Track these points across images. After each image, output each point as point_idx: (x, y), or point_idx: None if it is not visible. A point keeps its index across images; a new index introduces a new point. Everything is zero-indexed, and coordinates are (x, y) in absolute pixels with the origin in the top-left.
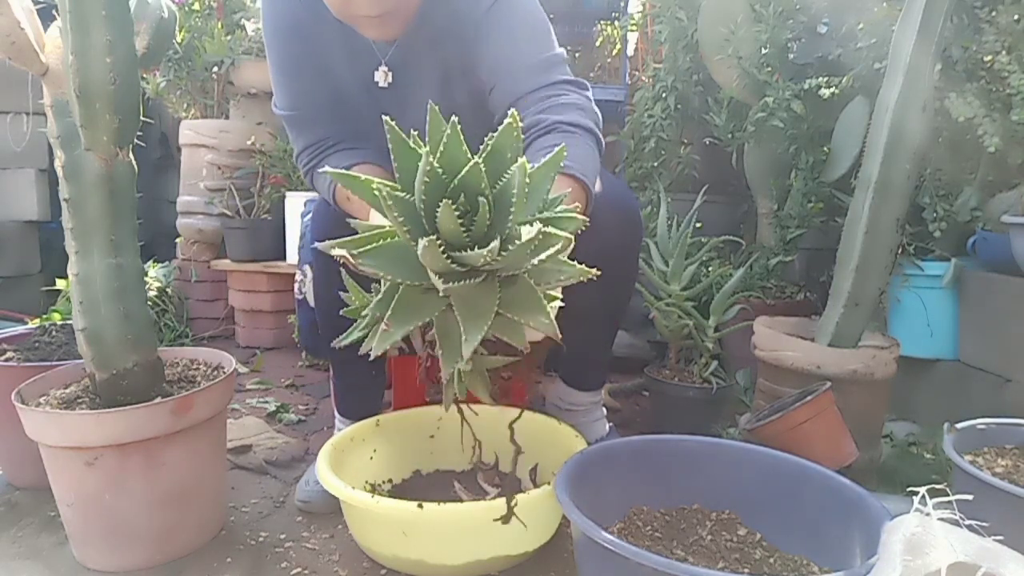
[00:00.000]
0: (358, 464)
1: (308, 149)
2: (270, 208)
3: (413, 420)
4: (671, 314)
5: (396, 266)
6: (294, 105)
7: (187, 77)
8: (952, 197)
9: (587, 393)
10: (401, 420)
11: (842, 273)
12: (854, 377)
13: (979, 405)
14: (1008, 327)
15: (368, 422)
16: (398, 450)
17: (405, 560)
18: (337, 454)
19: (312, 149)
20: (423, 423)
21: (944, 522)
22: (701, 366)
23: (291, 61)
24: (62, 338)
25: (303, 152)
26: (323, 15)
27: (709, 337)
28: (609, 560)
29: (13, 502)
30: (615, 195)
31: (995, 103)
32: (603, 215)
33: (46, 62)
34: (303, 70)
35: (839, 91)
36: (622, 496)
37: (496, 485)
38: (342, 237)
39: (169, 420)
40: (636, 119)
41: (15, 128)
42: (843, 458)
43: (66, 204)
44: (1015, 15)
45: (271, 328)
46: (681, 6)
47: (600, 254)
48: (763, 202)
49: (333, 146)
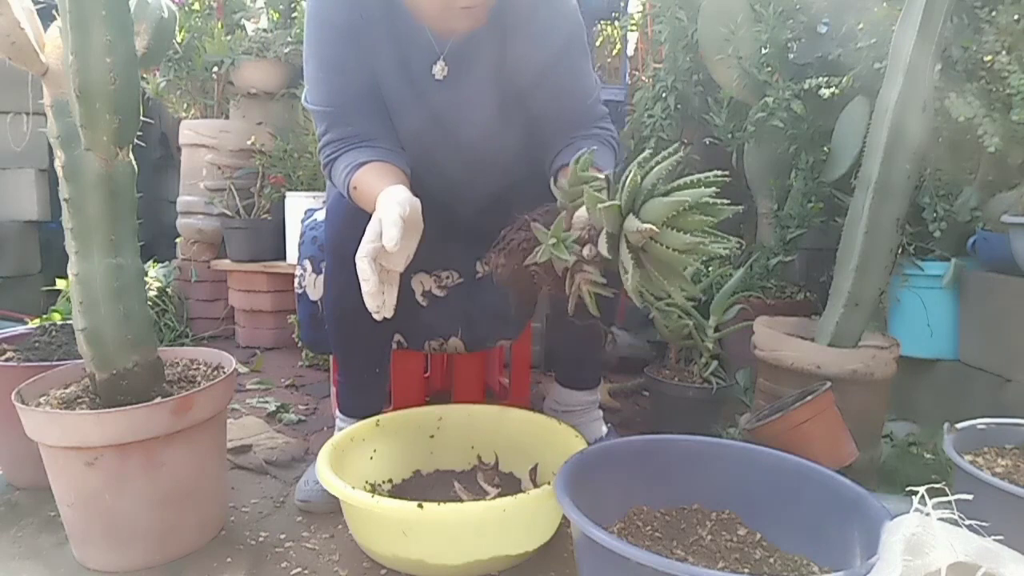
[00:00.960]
0: (358, 464)
1: (333, 144)
2: (270, 208)
3: (413, 420)
4: (671, 314)
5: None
6: (329, 102)
7: (187, 77)
8: (952, 197)
9: (583, 392)
10: (401, 420)
11: (842, 273)
12: (854, 377)
13: (979, 405)
14: (1008, 327)
15: (368, 422)
16: (398, 450)
17: (405, 560)
18: (337, 454)
19: (337, 144)
20: (423, 423)
21: (944, 522)
22: (701, 366)
23: (335, 61)
24: (62, 338)
25: (327, 145)
26: (374, 17)
27: (709, 337)
28: (609, 560)
29: (13, 502)
30: None
31: (995, 103)
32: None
33: (46, 62)
34: (346, 71)
35: (839, 91)
36: (622, 496)
37: (496, 485)
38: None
39: (169, 420)
40: (636, 119)
41: (15, 128)
42: (843, 458)
43: (66, 204)
44: (1015, 15)
45: (271, 328)
46: (681, 6)
47: None
48: (763, 202)
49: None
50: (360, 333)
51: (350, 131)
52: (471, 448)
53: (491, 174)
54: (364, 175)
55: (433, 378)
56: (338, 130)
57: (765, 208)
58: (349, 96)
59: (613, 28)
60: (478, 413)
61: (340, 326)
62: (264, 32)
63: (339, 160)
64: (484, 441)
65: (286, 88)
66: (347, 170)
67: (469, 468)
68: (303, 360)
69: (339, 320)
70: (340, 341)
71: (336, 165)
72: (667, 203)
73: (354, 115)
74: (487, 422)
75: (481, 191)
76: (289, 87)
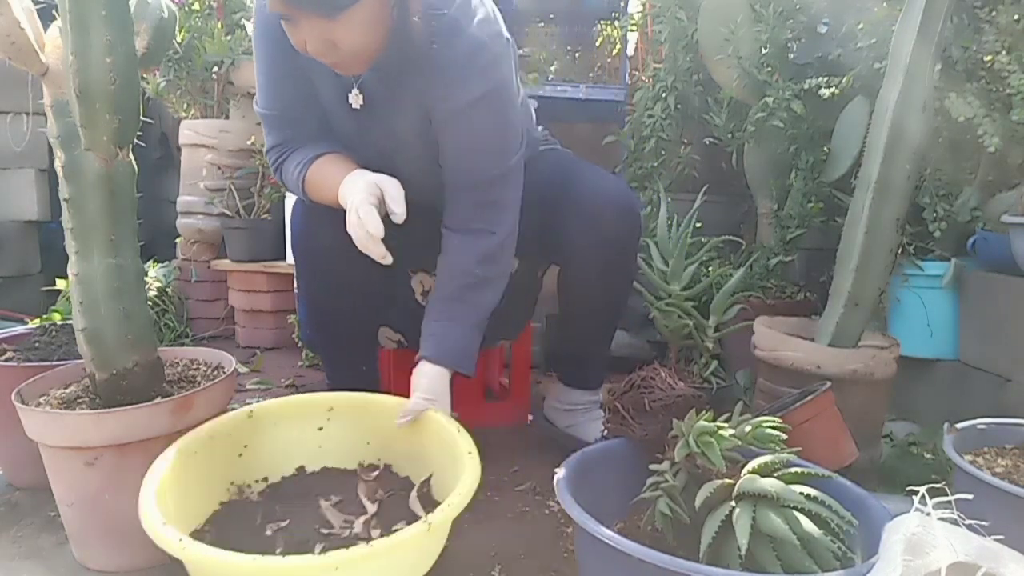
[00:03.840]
0: (219, 463)
1: (277, 147)
2: (270, 208)
3: (298, 409)
4: (671, 314)
5: None
6: (272, 106)
7: (187, 77)
8: (952, 197)
9: (586, 392)
10: (282, 409)
11: (842, 273)
12: (854, 377)
13: (979, 405)
14: (1008, 327)
15: (236, 413)
16: (279, 443)
17: None
18: (184, 459)
19: (280, 147)
20: (310, 413)
21: (944, 522)
22: (701, 366)
23: (274, 67)
24: (62, 338)
25: (272, 149)
26: None
27: (709, 337)
28: (611, 557)
29: (13, 502)
30: (613, 192)
31: (995, 103)
32: (601, 212)
33: (46, 62)
34: (285, 78)
35: (839, 91)
36: (623, 494)
37: (378, 499)
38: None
39: (169, 420)
40: (636, 119)
41: (15, 128)
42: (843, 458)
43: (66, 204)
44: (1015, 15)
45: (271, 328)
46: (681, 6)
47: (598, 251)
48: (763, 202)
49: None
50: (340, 331)
51: (290, 134)
52: (367, 444)
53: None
54: (318, 167)
55: None
56: (278, 134)
57: (765, 208)
58: (293, 102)
59: (613, 28)
60: (375, 405)
61: (319, 327)
62: None
63: (288, 160)
64: (381, 439)
65: None
66: (299, 167)
67: (365, 466)
68: (303, 360)
69: (317, 321)
70: (321, 341)
71: (286, 166)
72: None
73: (299, 120)
74: (385, 417)
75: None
76: None
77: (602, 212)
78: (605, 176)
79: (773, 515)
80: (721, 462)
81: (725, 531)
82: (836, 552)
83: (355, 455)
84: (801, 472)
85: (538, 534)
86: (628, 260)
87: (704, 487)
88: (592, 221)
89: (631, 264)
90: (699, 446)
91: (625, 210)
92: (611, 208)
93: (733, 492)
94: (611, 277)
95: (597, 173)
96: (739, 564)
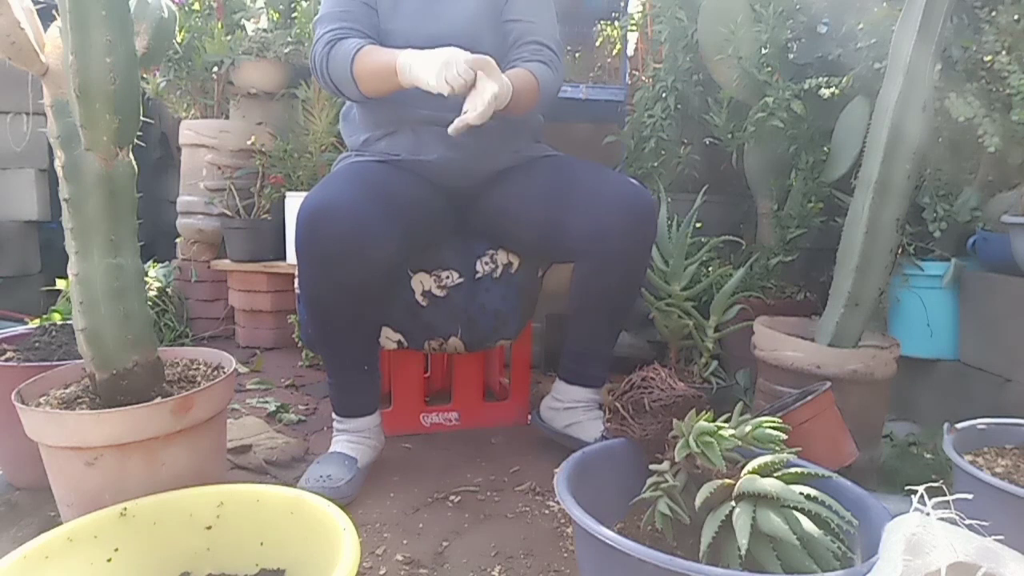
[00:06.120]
0: (79, 573)
1: (332, 31)
2: (270, 208)
3: (180, 505)
4: (671, 314)
5: None
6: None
7: (187, 77)
8: (952, 197)
9: (588, 390)
10: (162, 506)
11: (842, 273)
12: (854, 377)
13: (979, 405)
14: (1008, 327)
15: (107, 512)
16: (157, 547)
17: None
18: (31, 565)
19: (337, 31)
20: (196, 510)
21: (944, 522)
22: (701, 366)
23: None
24: (62, 338)
25: (327, 33)
26: None
27: (709, 337)
28: (611, 557)
29: (13, 502)
30: (626, 193)
31: (995, 103)
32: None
33: (46, 62)
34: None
35: (839, 91)
36: (623, 494)
37: None
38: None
39: (169, 420)
40: (636, 119)
41: (15, 128)
42: (843, 458)
43: (66, 204)
44: (1015, 15)
45: (271, 328)
46: (681, 6)
47: (609, 250)
48: (763, 202)
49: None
50: (341, 331)
51: (352, 27)
52: (260, 545)
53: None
54: (375, 47)
55: (433, 378)
56: (342, 23)
57: (765, 208)
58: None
59: (613, 28)
60: (269, 499)
61: (321, 327)
62: (264, 32)
63: (343, 41)
64: (276, 538)
65: (286, 88)
66: (356, 45)
67: (255, 572)
68: (303, 360)
69: (319, 321)
70: (323, 341)
71: (340, 45)
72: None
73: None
74: (279, 512)
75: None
76: (289, 87)
77: (613, 214)
78: (623, 176)
79: (773, 515)
80: (721, 462)
81: (725, 531)
82: (836, 552)
83: (249, 558)
84: (801, 472)
85: (538, 534)
86: (639, 262)
87: (704, 487)
88: (602, 222)
89: (642, 265)
90: (699, 446)
91: (637, 214)
92: (623, 211)
93: (733, 492)
94: (631, 275)
95: (614, 173)
96: (739, 564)
